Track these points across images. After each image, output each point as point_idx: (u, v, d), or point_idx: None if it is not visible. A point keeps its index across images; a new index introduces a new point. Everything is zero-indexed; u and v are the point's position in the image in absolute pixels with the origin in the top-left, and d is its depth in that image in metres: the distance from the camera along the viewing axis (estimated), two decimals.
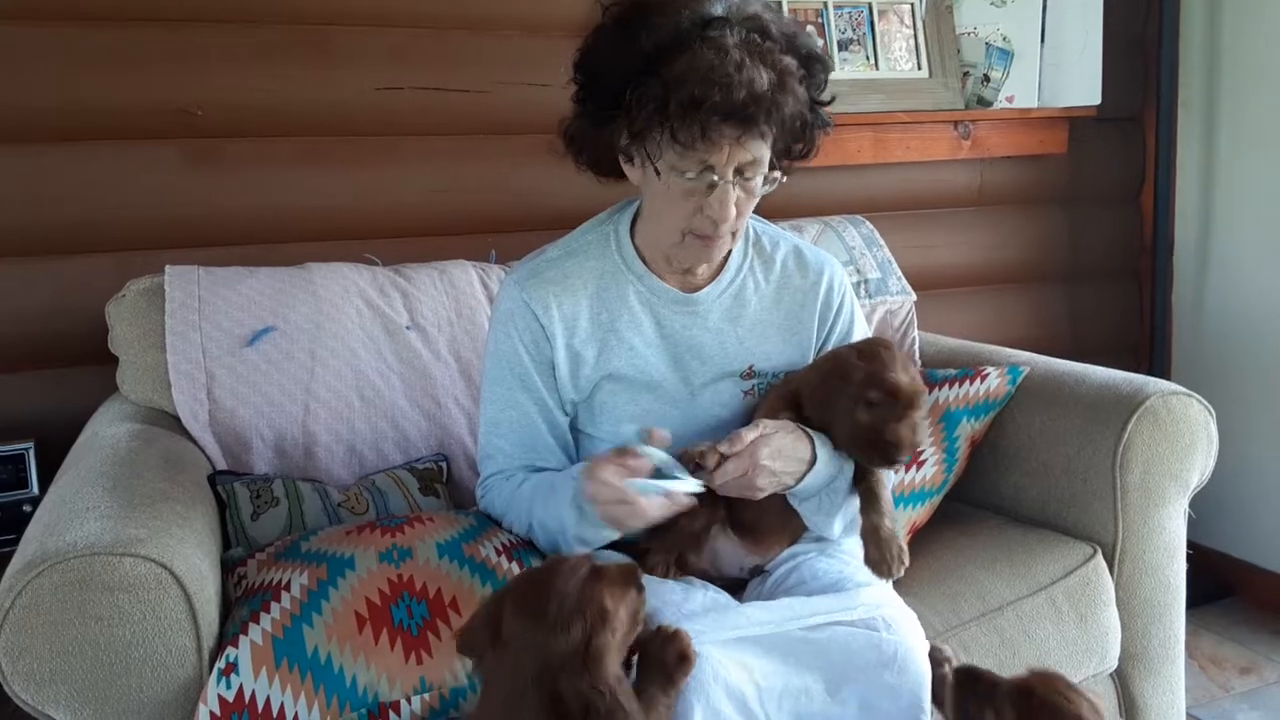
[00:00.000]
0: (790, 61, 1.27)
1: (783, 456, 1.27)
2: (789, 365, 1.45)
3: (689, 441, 1.29)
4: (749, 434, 1.26)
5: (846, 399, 1.28)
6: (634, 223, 1.44)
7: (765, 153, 1.30)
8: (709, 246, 1.34)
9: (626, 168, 1.37)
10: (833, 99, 1.38)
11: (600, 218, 1.48)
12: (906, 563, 1.28)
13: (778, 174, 1.33)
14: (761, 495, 1.28)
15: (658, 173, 1.29)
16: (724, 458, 1.24)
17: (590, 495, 1.20)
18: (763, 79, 1.23)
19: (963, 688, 1.16)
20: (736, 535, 1.37)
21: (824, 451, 1.31)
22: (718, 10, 1.27)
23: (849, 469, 1.33)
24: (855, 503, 1.34)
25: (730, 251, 1.45)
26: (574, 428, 1.44)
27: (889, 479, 1.40)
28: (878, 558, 1.28)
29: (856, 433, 1.28)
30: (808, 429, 1.31)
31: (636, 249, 1.42)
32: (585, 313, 1.39)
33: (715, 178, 1.27)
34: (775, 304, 1.45)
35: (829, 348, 1.46)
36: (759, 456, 1.24)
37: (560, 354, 1.39)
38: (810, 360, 1.45)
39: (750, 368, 1.43)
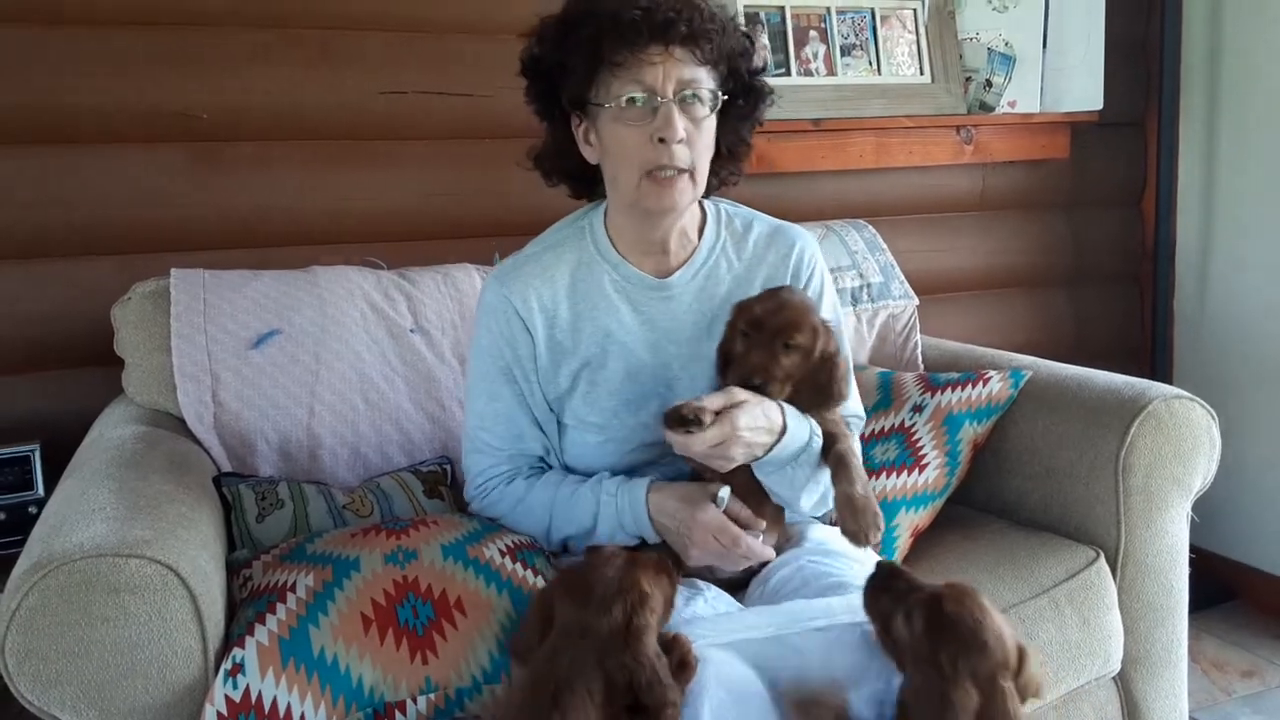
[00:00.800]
0: (704, 3, 1.35)
1: (757, 427, 1.28)
2: None
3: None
4: (724, 399, 1.26)
5: (733, 338, 1.35)
6: (607, 215, 1.46)
7: (703, 74, 1.34)
8: (668, 187, 1.34)
9: (586, 151, 1.40)
10: (765, 66, 1.46)
11: (575, 214, 1.51)
12: (882, 527, 1.29)
13: (721, 94, 1.36)
14: (731, 466, 1.29)
15: (606, 108, 1.32)
16: (716, 416, 1.25)
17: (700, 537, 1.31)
18: (678, 2, 1.31)
19: (881, 582, 1.17)
20: None
21: (794, 421, 1.31)
22: None
23: (817, 442, 1.34)
24: (825, 477, 1.34)
25: (701, 235, 1.47)
26: (559, 421, 1.46)
27: (856, 443, 1.42)
28: (854, 527, 1.29)
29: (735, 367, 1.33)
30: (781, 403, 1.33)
31: (610, 239, 1.45)
32: (564, 303, 1.42)
33: (658, 99, 1.31)
34: (748, 280, 1.47)
35: None
36: (739, 424, 1.25)
37: (541, 345, 1.41)
38: None
39: None
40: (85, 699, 1.08)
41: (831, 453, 1.34)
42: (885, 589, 1.16)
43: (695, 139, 1.34)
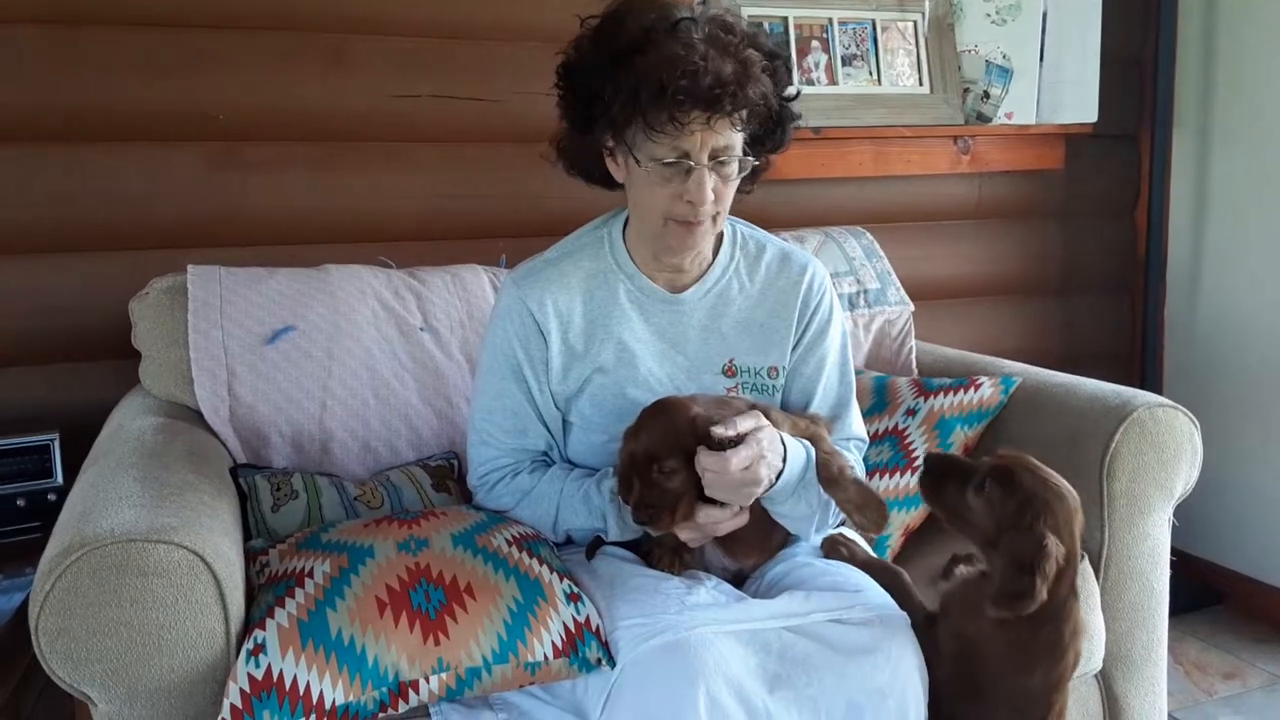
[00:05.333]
0: (753, 53, 1.35)
1: (774, 448, 1.32)
2: (769, 362, 1.51)
3: None
4: (747, 421, 1.30)
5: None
6: (626, 226, 1.51)
7: (737, 139, 1.37)
8: (691, 232, 1.40)
9: (611, 167, 1.44)
10: (798, 94, 1.46)
11: (596, 222, 1.55)
12: (886, 511, 1.35)
13: (752, 159, 1.40)
14: (759, 493, 1.32)
15: (638, 162, 1.36)
16: (741, 437, 1.28)
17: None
18: (726, 67, 1.31)
19: (938, 472, 1.29)
20: (718, 544, 1.43)
21: (789, 440, 1.35)
22: (684, 12, 1.35)
23: (812, 452, 1.38)
24: (823, 499, 1.38)
25: (716, 254, 1.51)
26: (565, 420, 1.51)
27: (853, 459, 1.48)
28: (864, 521, 1.35)
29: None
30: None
31: (628, 251, 1.49)
32: (579, 310, 1.47)
33: (691, 164, 1.34)
34: (759, 303, 1.52)
35: (804, 343, 1.53)
36: (762, 445, 1.29)
37: (555, 349, 1.46)
38: (788, 357, 1.52)
39: (730, 362, 1.49)
40: (113, 677, 1.13)
41: (818, 464, 1.37)
42: (944, 476, 1.28)
43: (722, 193, 1.38)
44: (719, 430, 1.28)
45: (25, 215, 1.89)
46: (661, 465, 1.30)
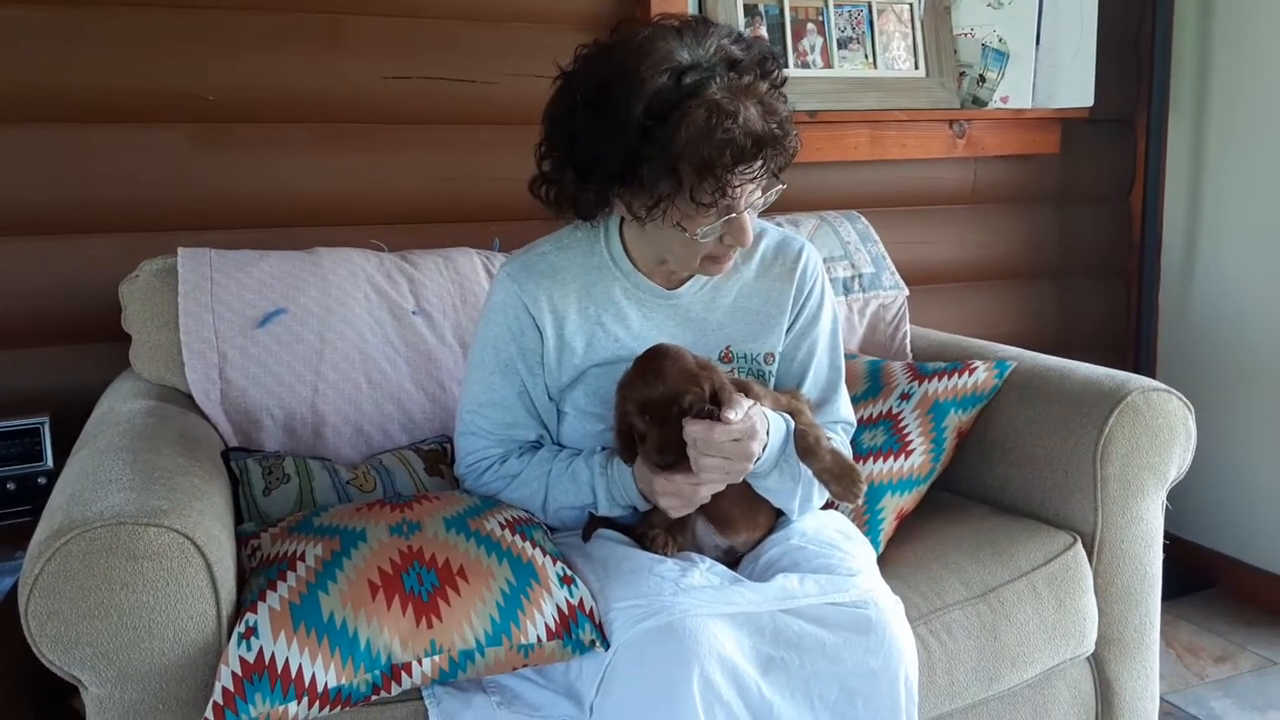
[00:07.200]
0: (763, 85, 1.32)
1: (761, 423, 1.32)
2: (765, 349, 1.51)
3: None
4: (744, 401, 1.31)
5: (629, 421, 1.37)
6: (622, 225, 1.49)
7: (767, 180, 1.36)
8: (724, 261, 1.42)
9: (622, 209, 1.39)
10: (784, 80, 1.41)
11: None
12: (862, 480, 1.36)
13: (780, 184, 1.39)
14: (750, 468, 1.32)
15: (682, 228, 1.34)
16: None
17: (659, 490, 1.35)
18: (755, 117, 1.27)
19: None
20: (709, 521, 1.44)
21: (770, 415, 1.36)
22: (685, 58, 1.29)
23: (792, 425, 1.39)
24: (807, 474, 1.39)
25: None
26: (559, 409, 1.51)
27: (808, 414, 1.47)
28: (841, 490, 1.35)
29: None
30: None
31: (625, 248, 1.48)
32: (574, 306, 1.46)
33: (733, 215, 1.33)
34: (755, 290, 1.52)
35: (797, 328, 1.53)
36: (755, 422, 1.30)
37: (550, 344, 1.46)
38: (782, 342, 1.52)
39: (727, 349, 1.50)
40: (104, 660, 1.13)
41: (795, 435, 1.38)
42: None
43: (752, 219, 1.38)
44: (730, 414, 1.28)
45: (14, 197, 1.87)
46: (681, 402, 1.30)
